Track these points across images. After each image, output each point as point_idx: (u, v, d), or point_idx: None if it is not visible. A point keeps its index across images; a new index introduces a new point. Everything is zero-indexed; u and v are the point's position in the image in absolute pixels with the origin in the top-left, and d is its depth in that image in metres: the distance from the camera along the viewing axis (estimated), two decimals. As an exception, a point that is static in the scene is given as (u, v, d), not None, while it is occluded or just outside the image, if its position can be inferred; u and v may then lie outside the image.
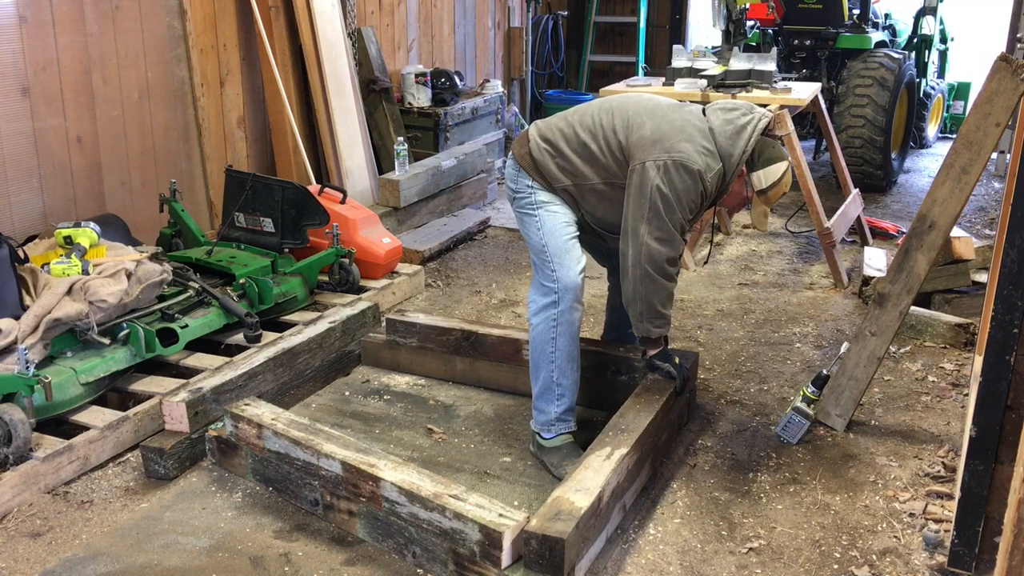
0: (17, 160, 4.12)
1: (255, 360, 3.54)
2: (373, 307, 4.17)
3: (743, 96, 5.39)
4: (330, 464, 2.86)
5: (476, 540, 2.52)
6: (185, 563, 2.74)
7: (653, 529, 2.93)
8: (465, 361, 3.86)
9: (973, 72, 8.23)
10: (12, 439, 3.00)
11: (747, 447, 3.43)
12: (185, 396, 3.24)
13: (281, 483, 3.05)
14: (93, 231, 3.86)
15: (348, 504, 2.84)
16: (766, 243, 5.91)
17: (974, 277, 4.53)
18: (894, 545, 2.86)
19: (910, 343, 4.32)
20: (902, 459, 3.35)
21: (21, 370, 3.11)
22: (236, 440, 3.16)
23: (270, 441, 3.04)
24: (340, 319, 3.96)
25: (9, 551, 2.79)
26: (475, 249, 5.75)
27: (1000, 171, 7.32)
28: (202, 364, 3.74)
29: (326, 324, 3.90)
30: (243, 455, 3.15)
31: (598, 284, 5.14)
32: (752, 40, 7.28)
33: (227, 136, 5.28)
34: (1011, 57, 3.06)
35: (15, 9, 4.04)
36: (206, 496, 3.09)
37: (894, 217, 6.44)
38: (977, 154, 3.15)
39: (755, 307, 4.82)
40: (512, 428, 3.56)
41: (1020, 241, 2.44)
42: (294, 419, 3.10)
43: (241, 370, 3.45)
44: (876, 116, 6.66)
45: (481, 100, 7.00)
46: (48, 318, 3.30)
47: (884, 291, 3.40)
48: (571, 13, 9.27)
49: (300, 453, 2.94)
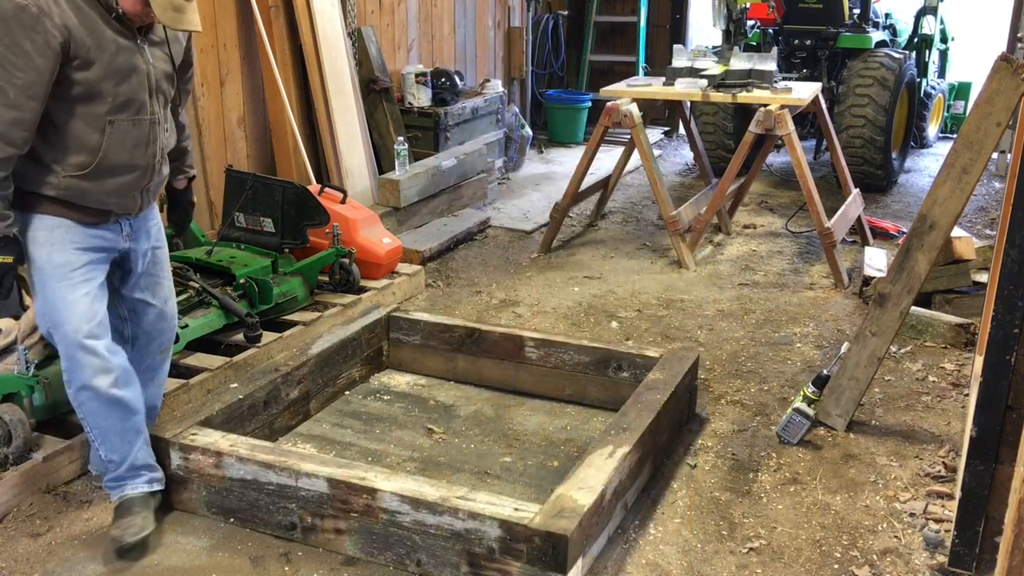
0: (17, 160, 4.11)
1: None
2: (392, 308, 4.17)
3: (744, 96, 5.40)
4: (312, 483, 2.74)
5: (496, 537, 2.52)
6: (185, 563, 2.74)
7: (653, 529, 2.93)
8: (467, 359, 3.86)
9: (973, 72, 8.22)
10: (12, 439, 3.00)
11: (747, 447, 3.43)
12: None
13: (246, 512, 2.87)
14: (93, 231, 3.85)
15: (335, 522, 2.75)
16: (766, 243, 5.91)
17: (975, 277, 4.53)
18: (895, 545, 2.86)
19: (911, 343, 4.32)
20: (903, 459, 3.35)
21: (21, 370, 3.11)
22: (186, 473, 2.93)
23: (232, 469, 2.84)
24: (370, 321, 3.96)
25: (9, 551, 2.78)
26: (475, 249, 5.75)
27: (1000, 171, 7.31)
28: (202, 364, 3.74)
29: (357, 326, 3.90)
30: (194, 489, 2.93)
31: (598, 284, 5.15)
32: (752, 40, 7.27)
33: (227, 136, 5.27)
34: (1011, 57, 3.06)
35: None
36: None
37: (894, 217, 6.44)
38: (978, 154, 3.14)
39: (755, 307, 4.82)
40: (512, 428, 3.56)
41: (1021, 241, 2.44)
42: (255, 443, 2.94)
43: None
44: (876, 116, 6.66)
45: (481, 100, 7.00)
46: (48, 318, 3.30)
47: (884, 291, 3.40)
48: (571, 13, 9.27)
49: (273, 476, 2.79)
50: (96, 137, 2.62)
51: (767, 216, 6.54)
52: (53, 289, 2.69)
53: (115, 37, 2.57)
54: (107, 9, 2.56)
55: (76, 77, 2.54)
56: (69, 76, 2.53)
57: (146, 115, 2.71)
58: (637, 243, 5.89)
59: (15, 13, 2.42)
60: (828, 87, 7.06)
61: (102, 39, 2.55)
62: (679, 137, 9.05)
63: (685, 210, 5.49)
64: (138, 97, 2.67)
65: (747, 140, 5.22)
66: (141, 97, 2.68)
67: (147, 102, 2.70)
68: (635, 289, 5.06)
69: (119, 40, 2.58)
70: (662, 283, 5.17)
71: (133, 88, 2.64)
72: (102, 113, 2.61)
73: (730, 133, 7.26)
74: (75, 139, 2.61)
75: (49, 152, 2.61)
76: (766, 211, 6.67)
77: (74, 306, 2.69)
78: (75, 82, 2.54)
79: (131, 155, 2.70)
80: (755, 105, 5.66)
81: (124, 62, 2.60)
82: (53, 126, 2.58)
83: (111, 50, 2.57)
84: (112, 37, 2.57)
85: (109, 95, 2.60)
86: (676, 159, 8.41)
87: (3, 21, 2.43)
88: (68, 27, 2.47)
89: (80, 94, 2.57)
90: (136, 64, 2.64)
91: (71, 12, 2.49)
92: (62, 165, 2.62)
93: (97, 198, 2.69)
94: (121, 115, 2.64)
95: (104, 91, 2.59)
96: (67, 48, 2.48)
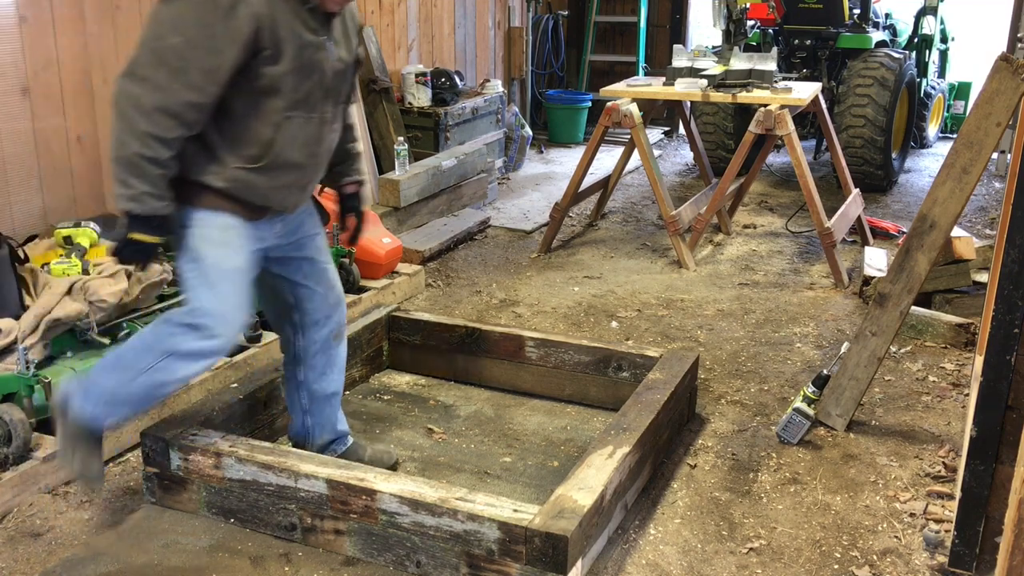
0: (17, 160, 4.12)
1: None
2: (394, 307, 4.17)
3: (744, 96, 5.40)
4: (312, 484, 2.74)
5: (495, 538, 2.52)
6: (185, 563, 2.74)
7: (653, 529, 2.93)
8: (467, 359, 3.87)
9: (974, 72, 8.22)
10: (12, 439, 3.00)
11: (747, 447, 3.43)
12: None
13: (246, 512, 2.86)
14: (93, 231, 3.85)
15: (335, 524, 2.75)
16: (766, 243, 5.91)
17: (975, 277, 4.53)
18: (895, 545, 2.86)
19: (911, 343, 4.32)
20: (903, 459, 3.35)
21: (21, 370, 3.11)
22: (185, 474, 2.92)
23: (232, 470, 2.84)
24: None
25: (9, 551, 2.78)
26: (475, 249, 5.75)
27: (1001, 171, 7.32)
28: (202, 364, 3.74)
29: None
30: (194, 489, 2.93)
31: (597, 284, 5.15)
32: (752, 40, 7.28)
33: (227, 136, 5.27)
34: (1012, 57, 3.06)
35: (15, 9, 4.04)
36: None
37: (895, 217, 6.44)
38: (978, 154, 3.14)
39: (755, 307, 4.82)
40: (512, 428, 3.56)
41: (1021, 241, 2.44)
42: (255, 443, 2.92)
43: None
44: (877, 116, 6.66)
45: (481, 100, 7.00)
46: (48, 318, 3.30)
47: (885, 291, 3.40)
48: (571, 13, 9.27)
49: (272, 477, 2.78)
50: (269, 132, 2.58)
51: (767, 216, 6.54)
52: (223, 293, 2.64)
53: (303, 31, 2.53)
54: (302, 1, 2.52)
55: (262, 70, 2.49)
56: (254, 68, 2.48)
57: (318, 113, 2.67)
58: (637, 243, 5.89)
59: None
60: (828, 87, 7.07)
61: (291, 33, 2.50)
62: (679, 137, 9.05)
63: (685, 210, 5.49)
64: (314, 95, 2.62)
65: (747, 140, 5.22)
66: (317, 95, 2.63)
67: (321, 100, 2.66)
68: (635, 289, 5.06)
69: (305, 35, 2.54)
70: (662, 283, 5.17)
71: (312, 85, 2.60)
72: (280, 108, 2.56)
73: (730, 133, 7.26)
74: (248, 131, 2.57)
75: (220, 141, 2.56)
76: (766, 211, 6.67)
77: (237, 315, 2.69)
78: (259, 75, 2.49)
79: (299, 153, 2.66)
80: (755, 105, 5.67)
81: (308, 58, 2.56)
82: (228, 116, 2.54)
83: (298, 44, 2.52)
84: (300, 31, 2.52)
85: (289, 91, 2.55)
86: (676, 159, 8.41)
87: (201, 2, 2.39)
88: (262, 17, 2.42)
89: (262, 87, 2.52)
90: (319, 60, 2.59)
91: (266, 2, 2.44)
92: (232, 156, 2.57)
93: (261, 193, 2.65)
94: (296, 112, 2.60)
95: (285, 87, 2.54)
96: (258, 39, 2.44)
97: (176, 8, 2.41)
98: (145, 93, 2.42)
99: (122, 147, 2.46)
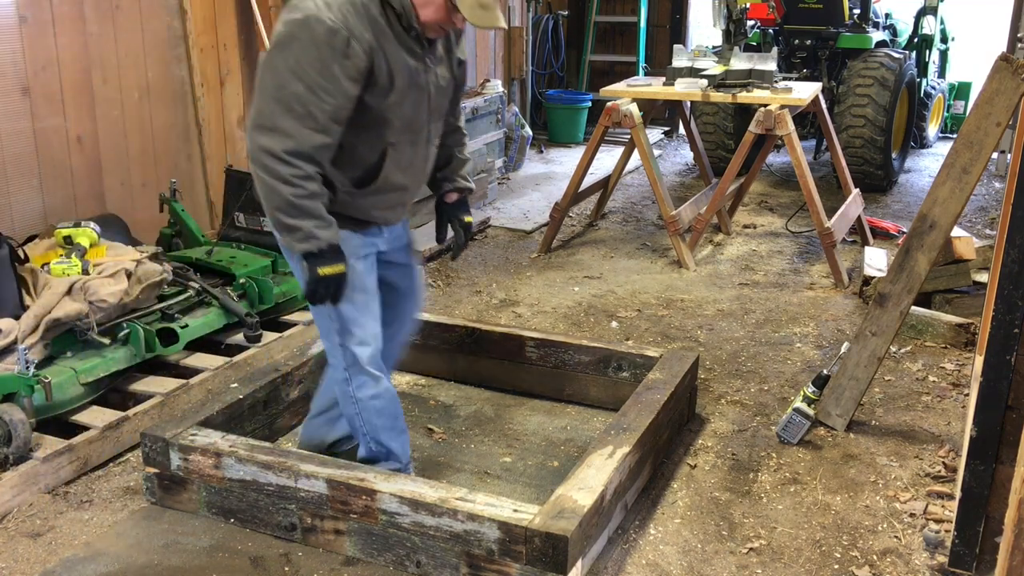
0: (17, 160, 4.12)
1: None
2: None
3: (744, 96, 5.40)
4: (312, 484, 2.74)
5: (495, 538, 2.52)
6: (185, 563, 2.74)
7: (654, 529, 2.93)
8: (467, 359, 3.86)
9: (974, 72, 8.22)
10: (12, 439, 3.00)
11: (747, 447, 3.43)
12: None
13: (246, 512, 2.86)
14: (93, 231, 3.85)
15: (335, 523, 2.75)
16: (766, 243, 5.91)
17: (975, 277, 4.53)
18: (895, 545, 2.86)
19: (911, 343, 4.32)
20: (903, 459, 3.35)
21: (21, 370, 3.11)
22: (185, 474, 2.92)
23: (232, 470, 2.84)
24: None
25: (9, 551, 2.78)
26: (475, 249, 5.75)
27: (1001, 171, 7.32)
28: (202, 364, 3.74)
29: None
30: (194, 489, 2.93)
31: (597, 284, 5.15)
32: (752, 40, 7.28)
33: (227, 136, 5.27)
34: (1012, 57, 3.06)
35: (15, 9, 4.04)
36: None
37: (895, 217, 6.44)
38: (978, 154, 3.14)
39: (755, 307, 4.82)
40: (512, 428, 3.56)
41: (1021, 241, 2.44)
42: (255, 443, 2.92)
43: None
44: (877, 116, 6.66)
45: (481, 100, 7.00)
46: (48, 318, 3.30)
47: (885, 291, 3.40)
48: (571, 13, 9.28)
49: (272, 477, 2.78)
50: (375, 158, 2.61)
51: (767, 216, 6.54)
52: (350, 303, 2.70)
53: (407, 58, 2.54)
54: (406, 28, 2.52)
55: (372, 102, 2.52)
56: (366, 101, 2.51)
57: (423, 135, 2.69)
58: (637, 243, 5.89)
59: (327, 37, 2.38)
60: (828, 87, 7.07)
61: (398, 61, 2.52)
62: (679, 137, 9.05)
63: (685, 210, 5.49)
64: (419, 118, 2.65)
65: (747, 140, 5.22)
66: (422, 118, 2.66)
67: (426, 122, 2.68)
68: (635, 289, 5.06)
69: (410, 61, 2.55)
70: (662, 283, 5.17)
71: (417, 110, 2.62)
72: (386, 136, 2.59)
73: (730, 133, 7.26)
74: (356, 158, 2.61)
75: (330, 170, 2.58)
76: (766, 211, 6.67)
77: (367, 326, 2.76)
78: (370, 107, 2.52)
79: (403, 174, 2.70)
80: (755, 105, 5.67)
81: (413, 84, 2.57)
82: (339, 146, 2.56)
83: (405, 73, 2.54)
84: (405, 58, 2.53)
85: (396, 119, 2.58)
86: (676, 159, 8.41)
87: (315, 45, 2.38)
88: (374, 50, 2.45)
89: (371, 119, 2.55)
90: (423, 85, 2.61)
91: (373, 34, 2.45)
92: (340, 182, 2.61)
93: (364, 211, 2.70)
94: (403, 137, 2.63)
95: (393, 115, 2.57)
96: (374, 71, 2.47)
97: (292, 55, 2.41)
98: (276, 142, 2.44)
99: (273, 196, 2.48)
